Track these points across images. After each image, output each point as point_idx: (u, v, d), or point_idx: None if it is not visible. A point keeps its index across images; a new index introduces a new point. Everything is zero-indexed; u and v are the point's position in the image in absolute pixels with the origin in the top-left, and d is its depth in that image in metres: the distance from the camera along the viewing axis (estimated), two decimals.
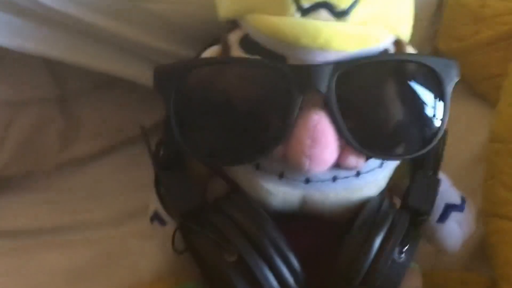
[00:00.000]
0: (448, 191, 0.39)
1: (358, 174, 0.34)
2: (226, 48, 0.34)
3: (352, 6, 0.31)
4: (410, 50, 0.36)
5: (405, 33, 0.35)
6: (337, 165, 0.32)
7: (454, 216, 0.38)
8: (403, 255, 0.33)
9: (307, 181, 0.33)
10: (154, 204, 0.39)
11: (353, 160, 0.32)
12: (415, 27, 0.36)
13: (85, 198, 0.50)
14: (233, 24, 0.35)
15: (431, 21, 0.51)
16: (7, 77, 0.47)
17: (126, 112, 0.51)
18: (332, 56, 0.31)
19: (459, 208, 0.38)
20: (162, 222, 0.39)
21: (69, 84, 0.49)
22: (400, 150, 0.33)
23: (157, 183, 0.36)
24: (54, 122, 0.49)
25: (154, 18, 0.41)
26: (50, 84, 0.48)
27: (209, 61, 0.34)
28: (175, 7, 0.41)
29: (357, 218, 0.34)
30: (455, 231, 0.38)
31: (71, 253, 0.47)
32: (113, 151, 0.52)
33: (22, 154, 0.48)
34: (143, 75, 0.44)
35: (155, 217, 0.39)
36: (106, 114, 0.50)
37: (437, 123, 0.33)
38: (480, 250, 0.43)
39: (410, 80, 0.33)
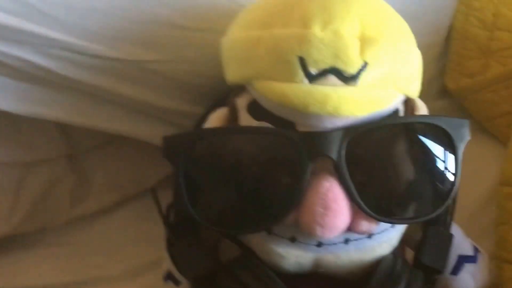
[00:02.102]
0: (461, 242, 0.38)
1: (370, 235, 0.34)
2: (234, 113, 0.34)
3: (360, 70, 0.31)
4: (420, 105, 0.35)
5: (415, 91, 0.35)
6: (349, 228, 0.32)
7: (467, 268, 0.38)
8: None
9: (319, 244, 0.33)
10: (167, 264, 0.39)
11: (365, 225, 0.32)
12: (423, 68, 0.36)
13: (98, 252, 0.50)
14: (240, 87, 0.35)
15: (438, 59, 0.51)
16: (18, 138, 0.47)
17: (135, 166, 0.51)
18: (341, 121, 0.31)
19: (472, 259, 0.38)
20: (176, 282, 0.39)
21: (78, 141, 0.49)
22: (413, 213, 0.33)
23: (169, 246, 0.36)
24: (65, 179, 0.50)
25: (160, 78, 0.41)
26: (60, 142, 0.49)
27: (217, 131, 0.34)
28: (180, 66, 0.41)
29: (371, 278, 0.34)
30: (469, 283, 0.38)
31: None
32: (122, 206, 0.52)
33: (35, 212, 0.49)
34: (153, 135, 0.44)
35: (169, 277, 0.39)
36: (114, 169, 0.51)
37: (450, 183, 0.33)
38: None
39: (421, 142, 0.33)
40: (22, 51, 0.38)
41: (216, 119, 0.35)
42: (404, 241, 0.38)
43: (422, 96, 0.36)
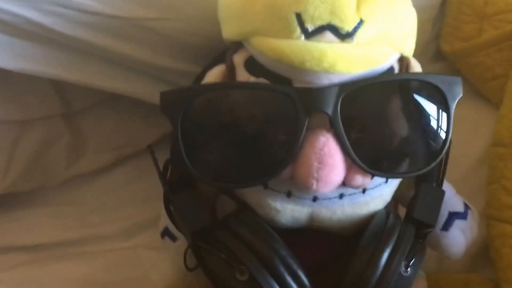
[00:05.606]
0: (451, 199, 0.39)
1: (364, 190, 0.35)
2: (231, 70, 0.34)
3: (356, 27, 0.31)
4: (414, 64, 0.36)
5: (410, 49, 0.35)
6: (344, 183, 0.33)
7: (458, 224, 0.39)
8: (409, 269, 0.33)
9: (315, 199, 0.34)
10: (164, 221, 0.40)
11: (359, 179, 0.33)
12: (418, 30, 0.36)
13: (95, 211, 0.51)
14: (237, 44, 0.35)
15: (434, 22, 0.51)
16: (13, 96, 0.47)
17: (131, 125, 0.51)
18: (337, 78, 0.31)
19: (462, 215, 0.39)
20: (173, 238, 0.40)
21: (74, 100, 0.49)
22: (406, 168, 0.34)
23: (167, 203, 0.37)
24: (61, 138, 0.50)
25: (157, 36, 0.41)
26: (56, 101, 0.48)
27: (215, 86, 0.34)
28: (177, 24, 0.41)
29: (364, 232, 0.34)
30: (459, 238, 0.39)
31: (84, 264, 0.48)
32: (120, 164, 0.52)
33: (30, 171, 0.49)
34: (149, 93, 0.44)
35: (166, 233, 0.40)
36: (111, 128, 0.51)
37: (442, 139, 0.34)
38: (483, 253, 0.44)
39: (414, 99, 0.33)
40: (17, 6, 0.38)
41: (213, 75, 0.35)
42: (397, 199, 0.39)
43: (418, 59, 0.37)
